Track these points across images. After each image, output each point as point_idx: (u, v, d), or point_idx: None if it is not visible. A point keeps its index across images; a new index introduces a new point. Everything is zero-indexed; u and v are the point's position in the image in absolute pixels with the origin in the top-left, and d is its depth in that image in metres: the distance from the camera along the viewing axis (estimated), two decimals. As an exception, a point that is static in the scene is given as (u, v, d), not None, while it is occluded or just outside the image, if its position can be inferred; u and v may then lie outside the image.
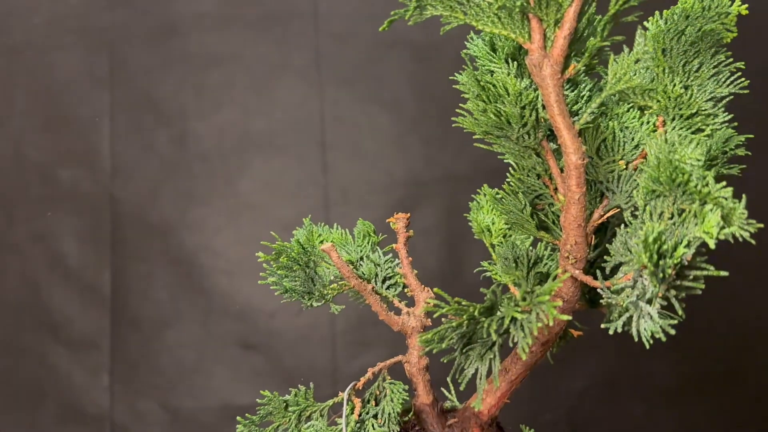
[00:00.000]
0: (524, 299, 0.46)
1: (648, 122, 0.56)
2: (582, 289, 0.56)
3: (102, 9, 1.36)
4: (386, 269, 0.69)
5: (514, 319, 0.45)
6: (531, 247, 0.63)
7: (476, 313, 0.45)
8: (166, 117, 1.33)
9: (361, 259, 0.70)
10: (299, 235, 0.68)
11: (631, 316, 0.46)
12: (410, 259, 0.66)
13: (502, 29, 0.45)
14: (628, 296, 0.46)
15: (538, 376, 0.63)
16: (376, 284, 0.67)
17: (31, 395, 1.25)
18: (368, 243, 0.70)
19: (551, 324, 0.44)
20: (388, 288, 0.67)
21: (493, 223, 0.68)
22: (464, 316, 0.45)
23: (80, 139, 1.32)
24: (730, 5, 0.51)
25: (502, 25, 0.44)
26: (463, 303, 0.46)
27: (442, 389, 0.69)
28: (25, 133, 1.31)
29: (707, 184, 0.43)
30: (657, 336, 0.44)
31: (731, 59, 0.54)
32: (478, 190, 0.69)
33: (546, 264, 0.62)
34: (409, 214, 0.67)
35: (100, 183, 1.30)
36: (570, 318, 0.47)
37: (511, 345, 0.47)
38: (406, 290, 0.66)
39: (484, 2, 0.44)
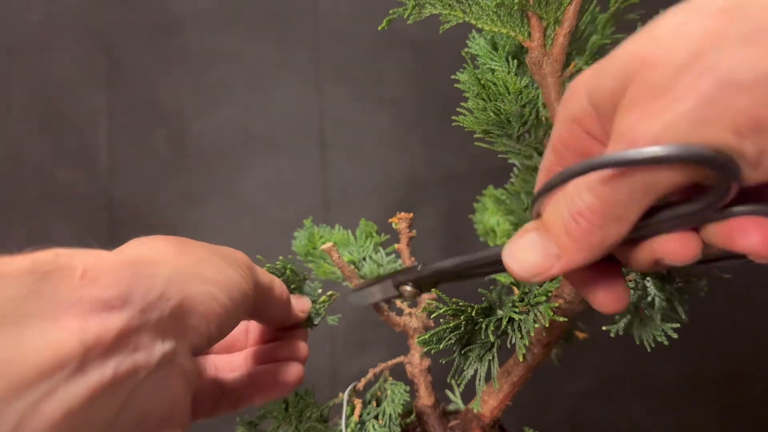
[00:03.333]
0: (522, 300, 0.45)
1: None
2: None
3: (100, 7, 1.35)
4: (388, 269, 0.68)
5: (511, 320, 0.45)
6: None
7: (474, 314, 0.45)
8: (165, 116, 1.33)
9: (364, 259, 0.69)
10: (300, 237, 0.68)
11: (633, 319, 0.46)
12: (413, 259, 0.66)
13: (502, 27, 0.44)
14: (630, 299, 0.45)
15: (540, 378, 0.63)
16: None
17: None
18: (371, 243, 0.70)
19: (547, 325, 0.43)
20: None
21: (498, 225, 0.68)
22: (462, 317, 0.44)
23: (78, 138, 1.31)
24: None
25: (502, 23, 0.44)
26: (461, 303, 0.45)
27: (447, 391, 0.69)
28: (21, 132, 1.31)
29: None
30: (659, 339, 0.44)
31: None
32: (484, 191, 0.69)
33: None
34: (412, 214, 0.66)
35: (97, 183, 1.30)
36: (566, 319, 0.46)
37: (509, 346, 0.47)
38: (407, 290, 0.66)
39: (483, 0, 0.43)
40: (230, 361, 0.49)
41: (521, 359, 0.45)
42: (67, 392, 0.25)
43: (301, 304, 0.52)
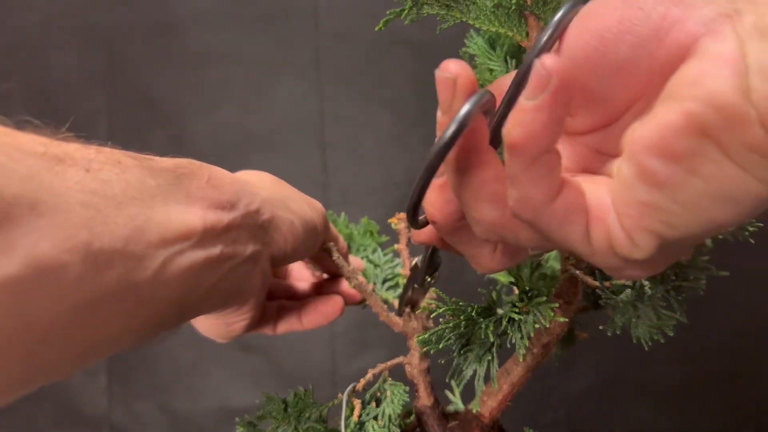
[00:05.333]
0: (522, 300, 0.45)
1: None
2: (586, 290, 0.55)
3: (99, 7, 1.35)
4: (386, 270, 0.68)
5: (511, 320, 0.45)
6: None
7: (474, 314, 0.45)
8: (164, 116, 1.33)
9: (362, 259, 0.69)
10: None
11: (629, 318, 0.46)
12: (411, 259, 0.66)
13: (500, 27, 0.44)
14: (627, 297, 0.45)
15: (538, 377, 0.63)
16: (375, 285, 0.67)
17: (28, 397, 1.24)
18: (371, 242, 0.70)
19: (548, 326, 0.43)
20: (387, 290, 0.67)
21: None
22: (461, 317, 0.44)
23: (78, 138, 1.31)
24: None
25: (500, 23, 0.44)
26: (461, 303, 0.45)
27: (446, 392, 0.69)
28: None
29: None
30: (655, 338, 0.44)
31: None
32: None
33: (551, 264, 0.61)
34: (410, 215, 0.66)
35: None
36: (566, 320, 0.46)
37: (508, 346, 0.47)
38: (407, 290, 0.66)
39: (480, 0, 0.43)
40: (294, 288, 0.62)
41: (521, 360, 0.45)
42: (192, 255, 0.34)
43: (356, 261, 0.64)
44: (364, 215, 0.75)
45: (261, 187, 0.43)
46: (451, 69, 0.28)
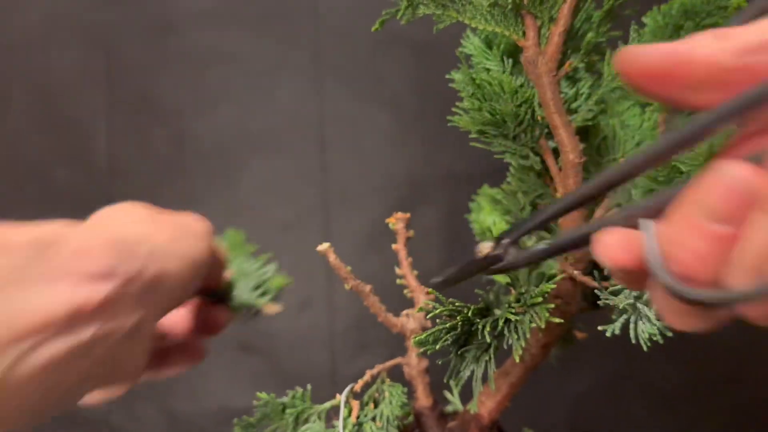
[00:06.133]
0: (518, 300, 0.45)
1: (649, 119, 0.55)
2: (585, 291, 0.55)
3: (99, 7, 1.35)
4: (256, 278, 0.67)
5: (508, 321, 0.44)
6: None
7: (470, 314, 0.45)
8: (164, 116, 1.33)
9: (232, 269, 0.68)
10: None
11: (629, 318, 0.45)
12: (410, 259, 0.65)
13: (496, 27, 0.44)
14: (626, 297, 0.45)
15: (539, 379, 0.62)
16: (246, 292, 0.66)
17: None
18: (239, 254, 0.69)
19: (543, 326, 0.43)
20: (259, 296, 0.66)
21: (494, 224, 0.67)
22: (458, 318, 0.44)
23: (77, 138, 1.31)
24: (730, -1, 0.50)
25: (496, 23, 0.44)
26: (458, 304, 0.45)
27: (445, 392, 0.69)
28: (20, 132, 1.31)
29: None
30: (655, 338, 0.44)
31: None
32: (479, 191, 0.68)
33: (549, 265, 0.61)
34: (408, 215, 0.66)
35: (97, 182, 1.29)
36: (563, 320, 0.46)
37: (505, 347, 0.47)
38: (405, 291, 0.66)
39: (477, 0, 0.43)
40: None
41: (518, 360, 0.45)
42: (52, 346, 0.30)
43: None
44: (363, 215, 0.74)
45: (141, 239, 0.36)
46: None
